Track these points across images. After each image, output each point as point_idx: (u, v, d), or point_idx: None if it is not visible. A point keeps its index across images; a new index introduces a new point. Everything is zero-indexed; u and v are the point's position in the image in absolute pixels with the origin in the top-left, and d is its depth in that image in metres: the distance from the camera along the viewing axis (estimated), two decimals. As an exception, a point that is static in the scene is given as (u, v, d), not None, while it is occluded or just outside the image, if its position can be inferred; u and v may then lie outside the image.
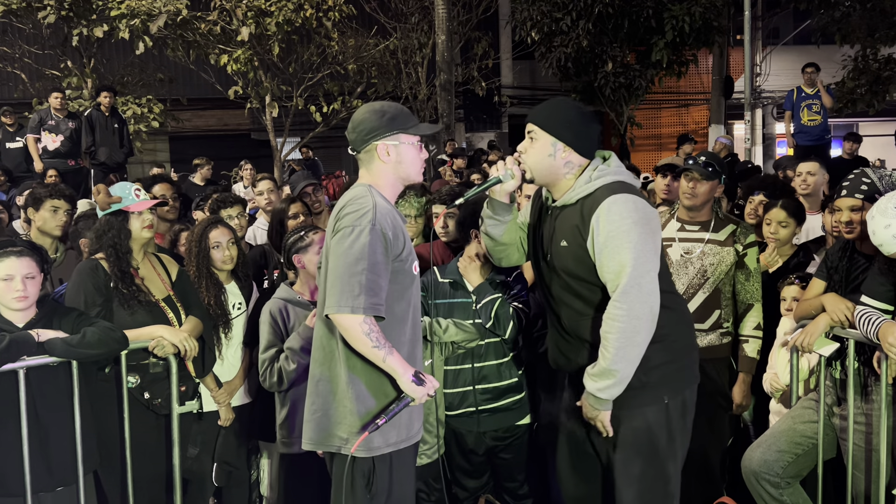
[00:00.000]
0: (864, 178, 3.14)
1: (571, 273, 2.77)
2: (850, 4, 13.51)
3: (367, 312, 2.48)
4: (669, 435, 2.79)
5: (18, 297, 3.01)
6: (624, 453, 2.80)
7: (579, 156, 2.78)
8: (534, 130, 2.81)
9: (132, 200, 3.40)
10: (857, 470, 3.12)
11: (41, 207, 4.18)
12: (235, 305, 3.85)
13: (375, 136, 2.66)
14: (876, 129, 17.54)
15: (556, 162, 2.77)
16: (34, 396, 3.03)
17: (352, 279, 2.48)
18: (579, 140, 2.77)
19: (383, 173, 2.70)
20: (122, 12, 11.23)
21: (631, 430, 2.78)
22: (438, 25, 12.99)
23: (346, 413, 2.61)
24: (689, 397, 2.88)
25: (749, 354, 3.73)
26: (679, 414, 2.82)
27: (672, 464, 2.82)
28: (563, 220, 2.79)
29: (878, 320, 2.87)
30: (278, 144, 12.83)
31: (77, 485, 3.12)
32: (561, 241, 2.77)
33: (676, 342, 2.82)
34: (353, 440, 2.60)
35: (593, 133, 2.85)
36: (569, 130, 2.76)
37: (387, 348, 2.53)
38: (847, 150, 10.17)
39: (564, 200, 2.79)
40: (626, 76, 12.99)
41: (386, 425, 2.59)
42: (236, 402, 3.85)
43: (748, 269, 3.74)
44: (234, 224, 4.39)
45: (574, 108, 2.86)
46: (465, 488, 3.77)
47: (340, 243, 2.54)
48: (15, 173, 9.49)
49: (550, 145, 2.76)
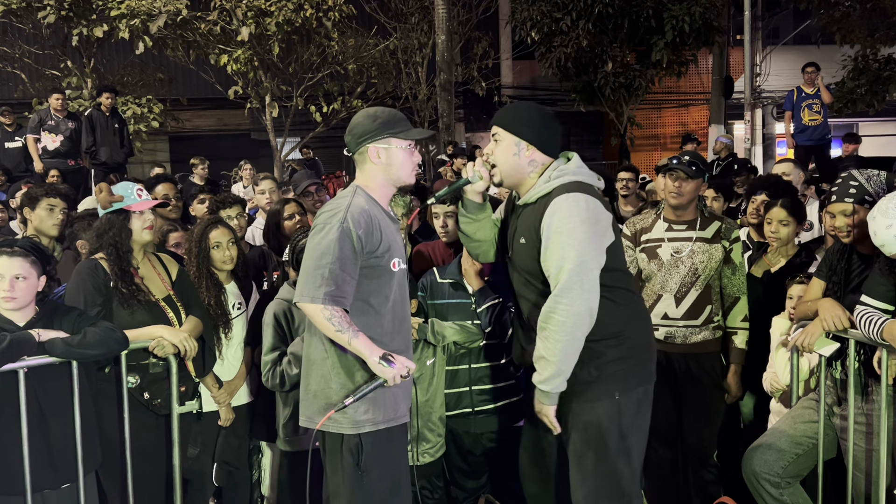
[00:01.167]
0: (852, 181, 3.15)
1: (528, 270, 2.87)
2: (850, 4, 13.51)
3: (325, 302, 2.64)
4: (620, 432, 2.82)
5: (5, 297, 3.00)
6: (575, 447, 2.87)
7: (543, 154, 2.88)
8: (497, 132, 2.91)
9: (134, 200, 3.40)
10: (858, 470, 3.12)
11: (37, 207, 4.17)
12: (235, 305, 3.85)
13: (367, 139, 2.81)
14: (876, 129, 17.55)
15: (520, 161, 2.87)
16: (38, 395, 3.03)
17: (315, 272, 2.66)
18: (541, 139, 2.87)
19: (374, 175, 2.84)
20: (122, 12, 11.24)
21: (582, 425, 2.84)
22: (438, 25, 13.00)
23: (331, 393, 2.77)
24: (644, 396, 2.90)
25: (739, 346, 3.83)
26: (632, 412, 2.85)
27: (623, 461, 2.84)
28: (524, 219, 2.89)
29: (881, 320, 2.87)
30: (278, 144, 12.84)
31: (78, 484, 3.12)
32: (520, 239, 2.88)
33: (630, 339, 2.86)
34: (338, 417, 2.75)
35: (556, 133, 2.93)
36: (531, 129, 2.87)
37: (351, 332, 2.67)
38: (846, 151, 10.17)
39: (526, 199, 2.89)
40: (626, 76, 12.99)
41: (372, 405, 2.73)
42: (236, 402, 3.85)
43: (734, 264, 3.82)
44: (234, 224, 4.38)
45: (535, 110, 2.97)
46: (464, 489, 3.77)
47: (311, 239, 2.74)
48: (14, 173, 9.49)
49: (514, 145, 2.86)
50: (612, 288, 2.81)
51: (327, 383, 2.77)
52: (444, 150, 12.47)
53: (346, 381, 2.76)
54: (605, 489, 2.82)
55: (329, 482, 2.86)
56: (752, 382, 3.97)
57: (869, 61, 13.79)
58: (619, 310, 2.82)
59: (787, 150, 15.03)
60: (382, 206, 2.87)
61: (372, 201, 2.81)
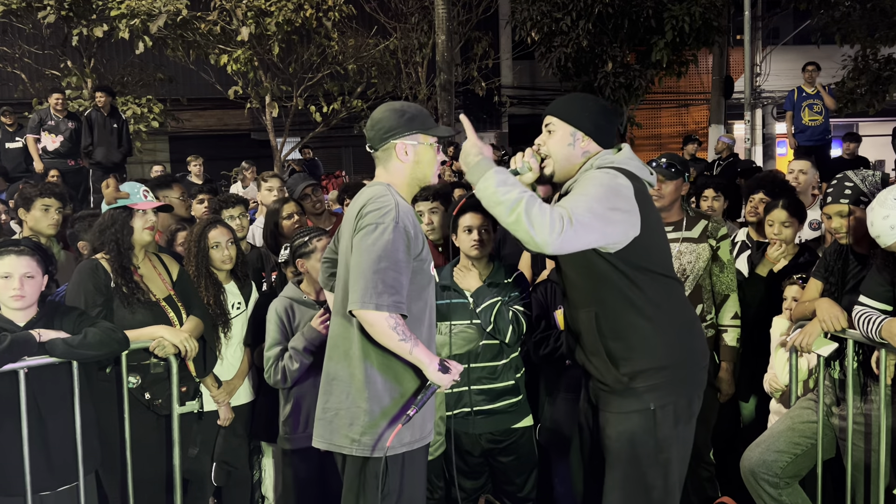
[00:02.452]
0: (847, 182, 3.15)
1: (566, 259, 2.72)
2: (850, 4, 13.50)
3: (390, 310, 2.46)
4: (657, 444, 2.68)
5: (15, 296, 3.01)
6: (609, 454, 2.76)
7: (598, 146, 2.76)
8: (552, 122, 2.77)
9: (139, 200, 3.41)
10: (857, 470, 3.12)
11: (32, 207, 4.15)
12: (235, 305, 3.85)
13: (394, 134, 2.66)
14: (876, 129, 17.53)
15: (574, 151, 2.74)
16: (36, 396, 3.03)
17: (375, 276, 2.46)
18: (598, 130, 2.75)
19: (400, 172, 2.70)
20: (122, 12, 11.22)
21: (616, 434, 2.72)
22: (438, 25, 12.99)
23: (359, 413, 2.59)
24: (683, 405, 2.73)
25: (729, 343, 3.85)
26: (670, 422, 2.69)
27: (656, 472, 2.70)
28: None
29: (879, 319, 2.87)
30: (278, 144, 12.83)
31: (78, 485, 3.12)
32: None
33: (668, 347, 2.70)
34: (365, 440, 2.58)
35: (613, 124, 2.83)
36: (588, 120, 2.74)
37: (413, 341, 2.51)
38: (846, 150, 10.17)
39: (567, 186, 2.75)
40: (626, 76, 12.97)
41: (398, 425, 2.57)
42: (236, 402, 3.85)
43: (722, 262, 3.84)
44: (236, 224, 4.40)
45: (593, 100, 2.86)
46: (463, 489, 3.77)
47: (364, 240, 2.52)
48: (14, 173, 9.49)
49: (570, 135, 2.74)
50: (642, 290, 2.64)
51: (354, 403, 2.59)
52: (444, 150, 12.45)
53: (393, 401, 2.60)
54: (634, 499, 2.71)
55: (344, 499, 2.71)
56: (753, 383, 3.97)
57: (869, 61, 13.77)
58: (647, 324, 2.66)
59: (787, 151, 15.02)
60: (406, 198, 2.71)
61: (405, 201, 2.66)
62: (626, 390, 2.69)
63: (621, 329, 2.68)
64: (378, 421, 2.59)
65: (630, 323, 2.67)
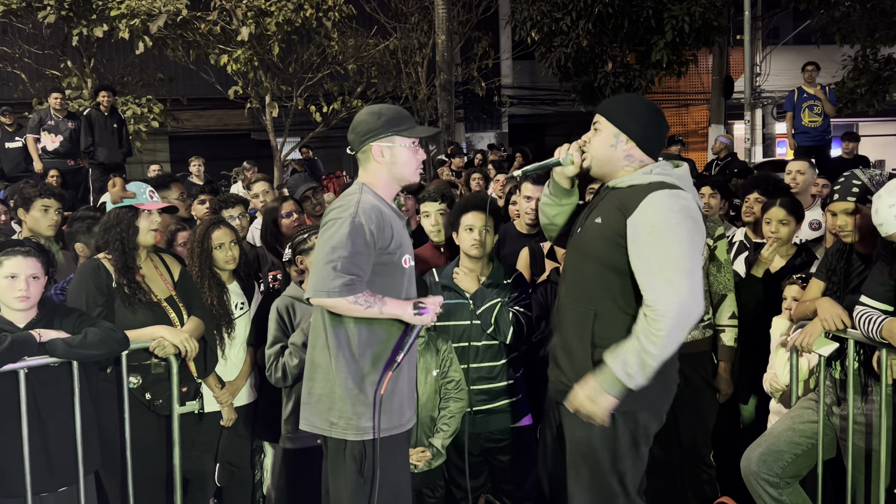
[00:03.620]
0: (855, 181, 3.14)
1: (591, 251, 2.69)
2: (850, 4, 13.51)
3: (341, 294, 2.59)
4: (614, 455, 2.67)
5: (20, 297, 3.01)
6: (572, 458, 2.76)
7: (642, 152, 2.71)
8: (599, 121, 2.75)
9: (146, 200, 3.41)
10: (857, 470, 3.12)
11: (31, 208, 4.14)
12: (238, 305, 3.85)
13: (371, 137, 2.77)
14: (876, 129, 17.55)
15: (616, 153, 2.71)
16: (35, 397, 3.03)
17: (327, 266, 2.61)
18: (644, 135, 2.70)
19: (378, 173, 2.80)
20: (122, 12, 11.22)
21: (577, 439, 2.72)
22: (438, 25, 13.00)
23: (335, 398, 2.72)
24: (644, 423, 2.70)
25: (727, 343, 3.84)
26: (628, 439, 2.67)
27: (614, 480, 2.69)
28: (607, 200, 2.72)
29: (880, 319, 2.87)
30: (278, 144, 12.83)
31: (78, 486, 3.12)
32: (596, 218, 2.70)
33: None
34: (342, 424, 2.71)
35: (661, 131, 2.78)
36: (634, 123, 2.70)
37: (379, 301, 2.65)
38: (846, 149, 10.17)
39: (616, 183, 2.72)
40: (626, 76, 12.99)
41: (377, 413, 2.68)
42: (239, 403, 3.85)
43: (719, 261, 3.83)
44: (236, 224, 4.40)
45: (644, 104, 2.80)
46: (463, 488, 3.77)
47: (322, 235, 2.70)
48: (14, 173, 9.49)
49: (613, 136, 2.71)
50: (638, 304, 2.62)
51: (332, 388, 2.72)
52: (444, 149, 12.47)
53: (353, 388, 2.70)
54: (601, 502, 2.72)
55: (330, 486, 2.84)
56: (753, 383, 3.97)
57: (869, 61, 13.79)
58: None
59: (787, 151, 15.00)
60: (389, 203, 2.83)
61: (379, 198, 2.78)
62: None
63: (611, 336, 2.63)
64: (356, 406, 2.71)
65: (620, 334, 2.62)
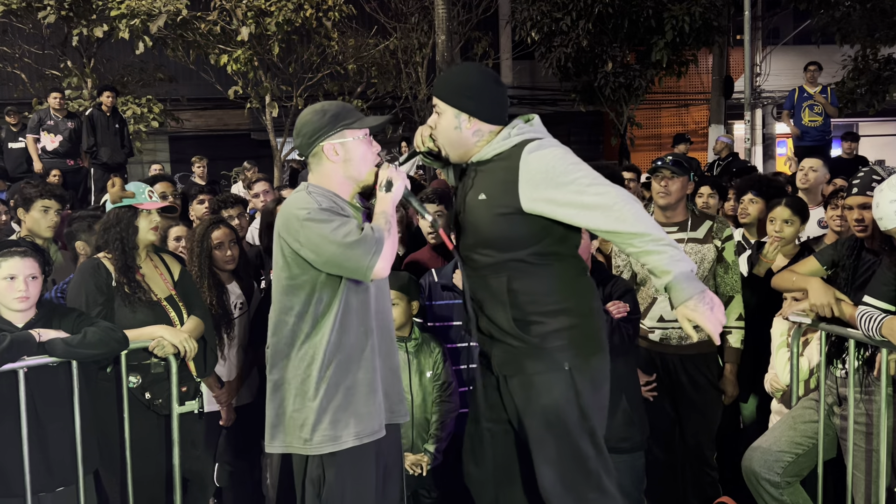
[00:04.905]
0: (875, 176, 3.14)
1: (481, 228, 2.61)
2: (850, 4, 13.49)
3: (376, 255, 2.45)
4: (581, 413, 2.58)
5: (20, 298, 3.01)
6: (534, 434, 2.61)
7: (488, 124, 2.61)
8: (437, 104, 2.64)
9: (145, 200, 3.41)
10: (858, 470, 3.12)
11: (31, 208, 4.12)
12: (237, 305, 3.86)
13: (320, 136, 2.60)
14: (876, 129, 17.55)
15: (463, 134, 2.62)
16: (34, 396, 3.03)
17: (345, 251, 2.45)
18: (483, 107, 2.60)
19: (332, 173, 2.63)
20: (122, 12, 11.22)
21: (540, 409, 2.58)
22: (438, 25, 12.98)
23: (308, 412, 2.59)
24: (598, 367, 2.63)
25: (733, 345, 3.84)
26: (589, 389, 2.59)
27: (586, 441, 2.59)
28: (481, 176, 2.62)
29: (880, 318, 2.87)
30: (278, 144, 12.83)
31: (77, 485, 3.12)
32: (479, 195, 2.60)
33: (575, 310, 2.61)
34: (292, 443, 2.62)
35: (500, 96, 2.66)
36: (471, 100, 2.59)
37: (385, 225, 2.53)
38: (846, 149, 10.17)
39: (480, 157, 2.63)
40: (626, 76, 12.97)
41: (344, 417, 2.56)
42: (238, 403, 3.86)
43: (727, 262, 3.83)
44: (235, 224, 4.40)
45: (476, 73, 2.67)
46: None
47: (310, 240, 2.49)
48: (16, 173, 9.49)
49: (454, 117, 2.61)
50: (562, 257, 2.61)
51: (304, 402, 2.58)
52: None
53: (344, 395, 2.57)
54: (571, 473, 2.59)
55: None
56: (754, 383, 3.97)
57: (869, 61, 13.78)
58: (562, 280, 2.59)
59: (787, 150, 15.01)
60: (343, 197, 2.65)
61: (329, 192, 2.62)
62: (537, 352, 2.57)
63: (539, 298, 2.58)
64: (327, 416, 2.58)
65: (546, 290, 2.59)
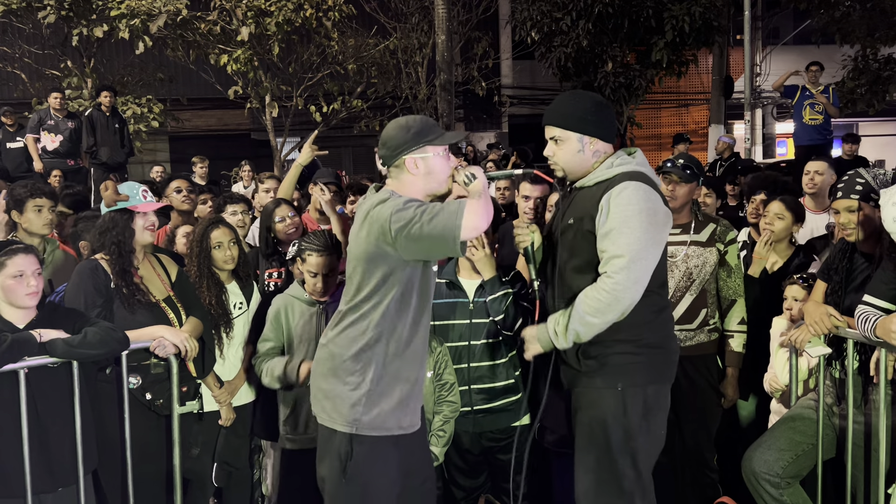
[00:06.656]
0: (859, 179, 3.15)
1: (568, 250, 2.86)
2: (850, 4, 13.51)
3: (459, 214, 2.55)
4: (626, 431, 2.77)
5: (32, 293, 3.03)
6: (580, 441, 2.87)
7: (604, 143, 2.88)
8: (555, 133, 2.88)
9: (139, 201, 3.41)
10: (857, 470, 3.12)
11: (25, 209, 4.07)
12: (237, 305, 3.86)
13: (403, 150, 2.75)
14: (876, 129, 17.55)
15: (585, 156, 2.87)
16: (35, 397, 3.03)
17: (430, 222, 2.56)
18: (601, 128, 2.87)
19: (412, 184, 2.78)
20: (122, 12, 11.22)
21: (587, 419, 2.83)
22: (438, 25, 12.99)
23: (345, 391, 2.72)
24: (653, 395, 2.83)
25: (735, 349, 3.83)
26: (639, 411, 2.79)
27: (626, 461, 2.79)
28: (577, 201, 2.88)
29: (875, 318, 2.87)
30: (278, 144, 12.83)
31: (77, 485, 3.12)
32: (569, 219, 2.87)
33: (643, 340, 2.82)
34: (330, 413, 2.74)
35: (610, 116, 2.94)
36: (591, 123, 2.85)
37: (479, 188, 2.67)
38: (847, 150, 10.16)
39: (583, 182, 2.88)
40: (626, 76, 12.98)
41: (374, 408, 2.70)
42: (238, 402, 3.85)
43: (729, 266, 3.83)
44: (238, 219, 4.41)
45: (589, 99, 2.92)
46: (463, 488, 3.77)
47: (393, 216, 2.60)
48: (16, 174, 9.48)
49: (577, 141, 2.86)
50: (647, 292, 2.75)
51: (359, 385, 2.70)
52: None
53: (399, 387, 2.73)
54: (605, 486, 2.79)
55: (318, 468, 2.84)
56: (753, 383, 3.97)
57: (869, 61, 13.80)
58: (642, 315, 2.76)
59: (787, 150, 15.01)
60: None
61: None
62: (594, 372, 2.80)
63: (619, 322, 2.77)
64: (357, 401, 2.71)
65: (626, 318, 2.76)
